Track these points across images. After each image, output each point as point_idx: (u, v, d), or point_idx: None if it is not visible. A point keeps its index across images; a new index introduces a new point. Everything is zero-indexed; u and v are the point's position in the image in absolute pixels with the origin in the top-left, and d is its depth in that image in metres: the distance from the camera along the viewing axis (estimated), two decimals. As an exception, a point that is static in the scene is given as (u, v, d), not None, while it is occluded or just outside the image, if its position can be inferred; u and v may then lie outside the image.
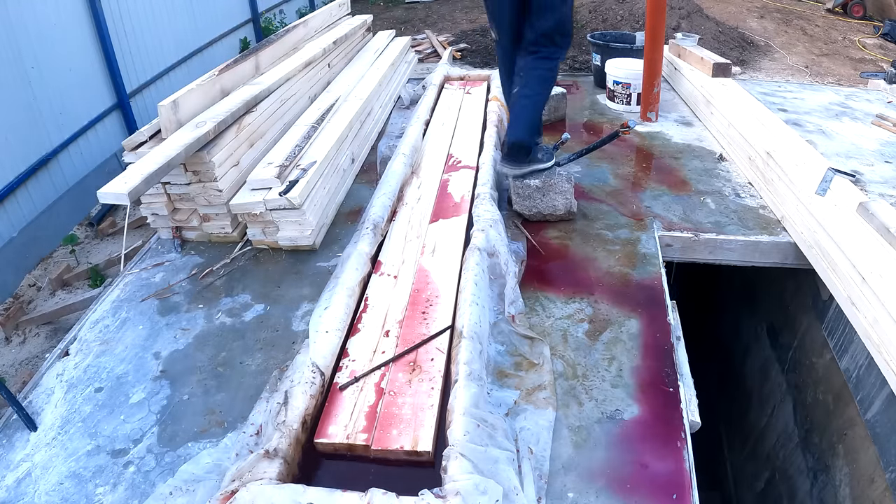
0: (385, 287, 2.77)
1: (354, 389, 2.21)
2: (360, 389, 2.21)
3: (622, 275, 2.93)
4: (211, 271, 3.09)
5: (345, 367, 2.32)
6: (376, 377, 2.27)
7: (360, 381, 2.24)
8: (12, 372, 3.52)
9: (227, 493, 1.76)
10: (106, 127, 5.32)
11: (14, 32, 4.26)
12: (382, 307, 2.65)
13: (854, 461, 2.94)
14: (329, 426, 2.08)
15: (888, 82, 5.73)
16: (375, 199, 3.37)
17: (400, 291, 2.74)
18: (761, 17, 9.34)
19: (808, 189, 3.11)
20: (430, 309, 2.59)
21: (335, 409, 2.14)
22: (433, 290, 2.71)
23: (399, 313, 2.59)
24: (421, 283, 2.77)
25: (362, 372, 2.26)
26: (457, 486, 1.71)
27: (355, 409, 2.14)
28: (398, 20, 9.62)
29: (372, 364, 2.31)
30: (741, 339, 4.72)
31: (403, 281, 2.80)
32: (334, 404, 2.16)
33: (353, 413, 2.12)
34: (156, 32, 6.06)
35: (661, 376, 2.36)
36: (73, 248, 4.55)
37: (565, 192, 3.29)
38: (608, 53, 5.38)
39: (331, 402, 2.18)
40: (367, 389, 2.22)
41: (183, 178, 3.16)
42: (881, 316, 2.38)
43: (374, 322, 2.55)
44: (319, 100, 4.20)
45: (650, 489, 1.93)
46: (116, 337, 2.69)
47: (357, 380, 2.23)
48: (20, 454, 2.15)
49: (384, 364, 2.30)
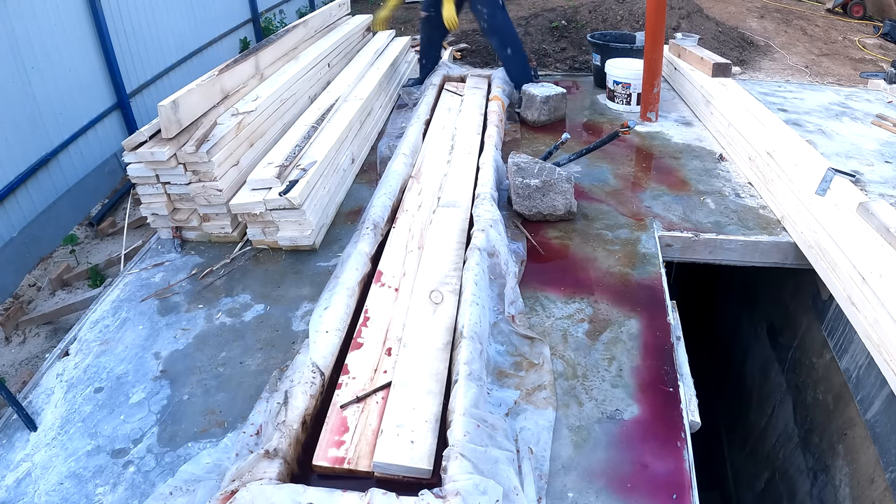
0: (386, 300, 2.69)
1: (355, 410, 2.14)
2: (361, 410, 2.14)
3: (622, 275, 2.93)
4: (211, 271, 3.09)
5: (344, 384, 2.24)
6: (377, 397, 2.19)
7: (361, 401, 2.17)
8: (12, 372, 3.52)
9: (227, 493, 1.76)
10: (106, 127, 5.31)
11: (14, 32, 4.26)
12: (383, 322, 2.56)
13: (854, 461, 2.94)
14: (328, 448, 2.00)
15: (888, 82, 5.73)
16: (375, 199, 3.37)
17: (401, 305, 2.65)
18: (761, 17, 9.34)
19: (808, 189, 3.11)
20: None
21: (335, 430, 2.06)
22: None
23: (400, 329, 2.51)
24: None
25: (363, 393, 2.19)
26: (457, 486, 1.71)
27: (356, 431, 2.06)
28: (398, 20, 9.62)
29: (374, 384, 2.24)
30: (741, 339, 4.71)
31: (404, 294, 2.72)
32: (334, 424, 2.08)
33: (353, 436, 2.04)
34: (156, 32, 6.06)
35: (661, 376, 2.36)
36: (73, 248, 4.55)
37: (565, 192, 3.29)
38: (608, 53, 5.38)
39: (329, 419, 2.10)
40: (368, 410, 2.14)
41: (183, 177, 3.16)
42: (881, 316, 2.38)
43: (375, 338, 2.47)
44: (319, 100, 4.20)
45: (650, 489, 1.93)
46: (116, 337, 2.69)
47: (359, 400, 2.17)
48: (20, 454, 2.15)
49: (384, 387, 2.22)
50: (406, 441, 1.96)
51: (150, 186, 3.20)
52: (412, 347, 2.34)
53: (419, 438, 1.97)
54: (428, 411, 2.07)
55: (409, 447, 1.94)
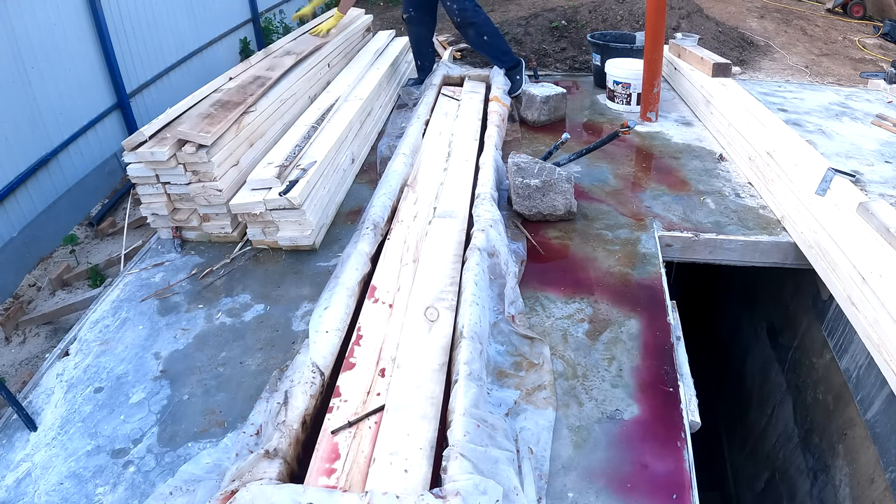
0: (380, 316, 2.56)
1: (347, 435, 2.03)
2: (353, 436, 2.03)
3: (622, 275, 2.93)
4: (211, 271, 3.09)
5: (336, 407, 2.13)
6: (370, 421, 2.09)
7: (352, 426, 2.06)
8: (12, 372, 3.52)
9: (227, 493, 1.76)
10: (106, 127, 5.31)
11: (14, 32, 4.26)
12: (376, 340, 2.43)
13: (854, 461, 2.94)
14: (318, 476, 1.88)
15: (888, 82, 5.73)
16: (375, 199, 3.37)
17: (395, 322, 2.53)
18: (761, 17, 9.34)
19: (808, 189, 3.11)
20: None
21: (325, 457, 1.96)
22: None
23: (394, 349, 2.38)
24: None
25: (355, 417, 2.08)
26: (457, 487, 1.71)
27: (347, 459, 1.94)
28: (398, 20, 9.61)
29: (367, 407, 2.13)
30: (741, 339, 4.72)
31: (398, 310, 2.60)
32: (324, 450, 1.98)
33: (345, 464, 1.93)
34: (156, 32, 6.05)
35: (661, 376, 2.36)
36: (73, 248, 4.55)
37: (565, 192, 3.29)
38: (608, 53, 5.38)
39: (320, 446, 1.98)
40: (360, 436, 2.03)
41: (183, 177, 3.16)
42: (881, 316, 2.38)
43: (368, 358, 2.35)
44: (319, 100, 4.20)
45: (650, 489, 1.93)
46: (116, 337, 2.69)
47: (350, 425, 2.05)
48: (20, 454, 2.15)
49: (377, 410, 2.10)
50: (399, 470, 1.86)
51: (150, 186, 3.20)
52: (406, 368, 2.24)
53: (413, 467, 1.87)
54: (422, 437, 1.97)
55: (403, 476, 1.84)
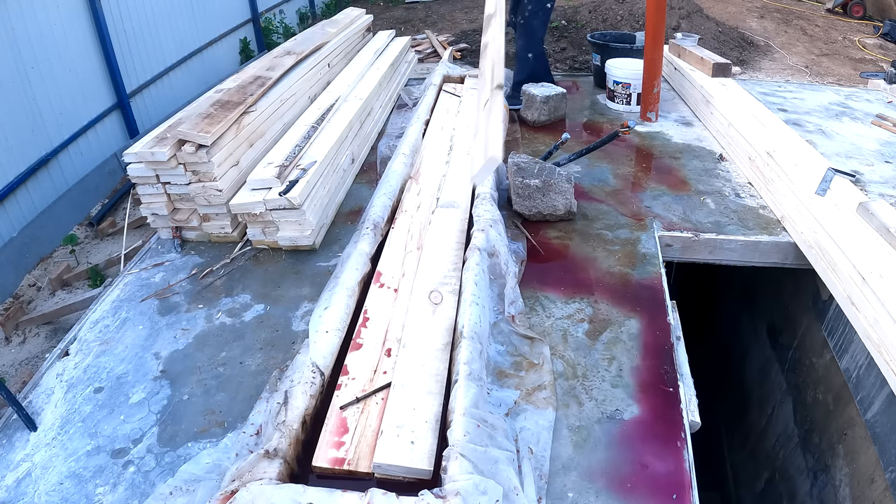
0: (385, 300, 2.69)
1: (355, 410, 2.13)
2: (361, 411, 2.13)
3: (622, 275, 2.93)
4: (211, 271, 3.09)
5: (344, 385, 2.24)
6: (377, 397, 2.19)
7: (360, 402, 2.16)
8: (12, 372, 3.52)
9: (227, 493, 1.76)
10: (106, 127, 5.31)
11: (14, 32, 4.26)
12: (383, 322, 2.56)
13: (854, 461, 2.94)
14: (328, 449, 1.99)
15: (888, 82, 5.73)
16: (375, 199, 3.37)
17: (400, 306, 2.65)
18: (761, 17, 9.34)
19: (808, 189, 3.11)
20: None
21: (334, 431, 2.05)
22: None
23: (399, 330, 2.51)
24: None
25: (363, 394, 2.19)
26: (457, 486, 1.71)
27: (356, 432, 2.05)
28: (398, 20, 9.62)
29: (374, 385, 2.23)
30: (741, 339, 4.71)
31: (403, 295, 2.71)
32: (334, 425, 2.08)
33: (353, 437, 2.03)
34: (156, 32, 6.06)
35: (661, 376, 2.36)
36: (73, 248, 4.54)
37: (565, 192, 3.29)
38: (608, 53, 5.38)
39: (329, 420, 2.09)
40: (368, 411, 2.13)
41: (183, 177, 3.16)
42: (881, 316, 2.38)
43: (375, 339, 2.47)
44: (319, 100, 4.20)
45: (650, 489, 1.93)
46: (116, 337, 2.69)
47: (358, 401, 2.16)
48: (20, 454, 2.15)
49: (384, 387, 2.21)
50: (406, 441, 1.96)
51: (150, 186, 3.20)
52: (412, 348, 2.34)
53: (419, 439, 1.97)
54: (428, 412, 2.07)
55: (410, 448, 1.94)
